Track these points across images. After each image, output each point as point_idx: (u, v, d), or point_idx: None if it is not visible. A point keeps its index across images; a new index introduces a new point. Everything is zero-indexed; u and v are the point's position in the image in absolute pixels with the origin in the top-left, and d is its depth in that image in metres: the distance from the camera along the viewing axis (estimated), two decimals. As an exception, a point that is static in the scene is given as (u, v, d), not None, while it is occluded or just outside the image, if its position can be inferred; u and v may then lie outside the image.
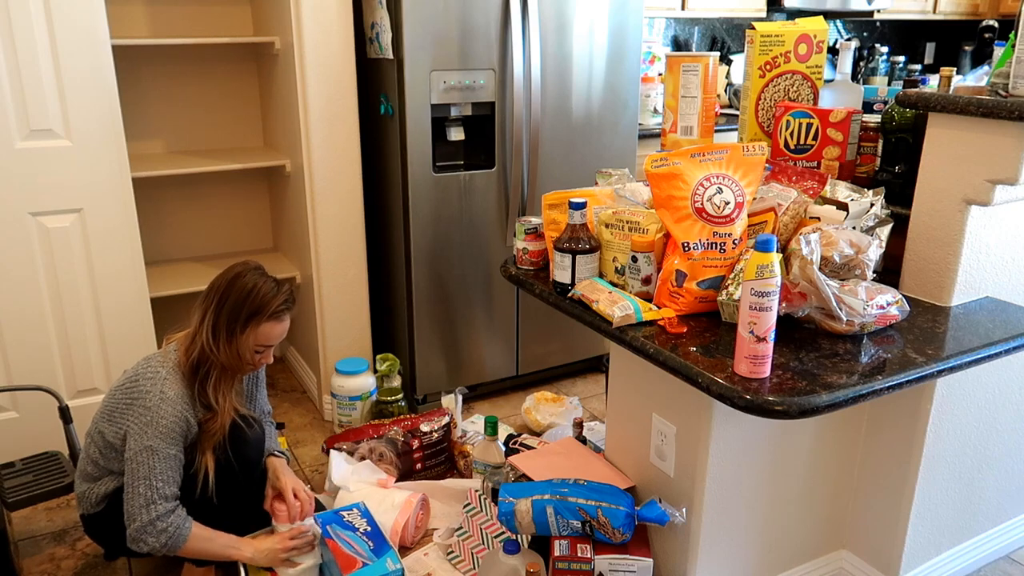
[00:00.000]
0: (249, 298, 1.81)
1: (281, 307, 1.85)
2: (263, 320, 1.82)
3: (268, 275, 1.87)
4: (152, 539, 1.74)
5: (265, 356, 1.90)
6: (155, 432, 1.74)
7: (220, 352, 1.81)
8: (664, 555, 1.85)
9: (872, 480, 1.91)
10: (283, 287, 1.87)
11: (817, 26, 2.07)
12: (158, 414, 1.75)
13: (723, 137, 3.26)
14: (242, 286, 1.82)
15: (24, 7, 2.15)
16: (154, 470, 1.74)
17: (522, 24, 2.60)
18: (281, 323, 1.87)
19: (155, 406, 1.75)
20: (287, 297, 1.87)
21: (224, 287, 1.83)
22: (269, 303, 1.82)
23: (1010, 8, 4.61)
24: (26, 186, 2.27)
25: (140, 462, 1.74)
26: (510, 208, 2.79)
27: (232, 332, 1.82)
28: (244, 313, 1.81)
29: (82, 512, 1.90)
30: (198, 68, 2.97)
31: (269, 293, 1.83)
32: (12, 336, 2.35)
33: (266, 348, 1.89)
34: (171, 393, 1.77)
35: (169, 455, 1.76)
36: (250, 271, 1.85)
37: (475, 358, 2.91)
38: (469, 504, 2.08)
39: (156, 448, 1.74)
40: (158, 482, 1.74)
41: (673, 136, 2.12)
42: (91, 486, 1.87)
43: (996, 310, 1.71)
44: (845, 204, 1.70)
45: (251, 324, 1.82)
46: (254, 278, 1.83)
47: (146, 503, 1.73)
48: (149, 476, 1.74)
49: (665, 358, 1.48)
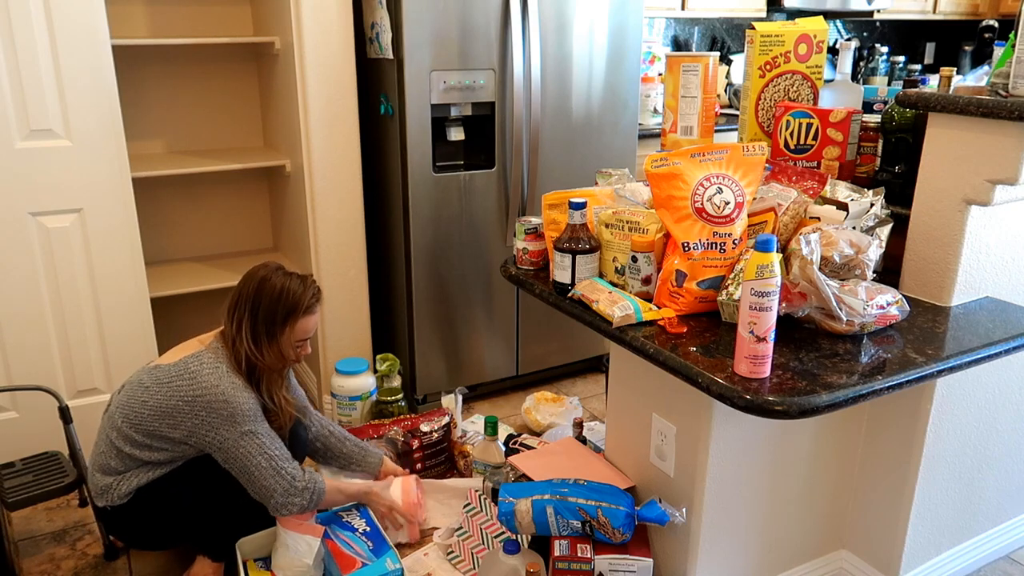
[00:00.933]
0: (282, 300, 1.88)
1: (312, 300, 1.93)
2: (299, 317, 1.90)
3: (290, 272, 1.93)
4: (298, 499, 1.87)
5: (304, 348, 1.97)
6: (243, 418, 1.83)
7: (265, 356, 1.89)
8: (664, 555, 1.85)
9: (872, 480, 1.91)
10: (308, 281, 1.94)
11: (817, 26, 2.07)
12: (238, 401, 1.82)
13: (723, 137, 3.26)
14: (271, 289, 1.88)
15: (24, 7, 2.15)
16: (264, 446, 1.84)
17: (522, 24, 2.60)
18: (314, 315, 1.95)
19: (233, 395, 1.82)
20: (315, 290, 1.94)
21: (254, 294, 1.89)
22: (300, 300, 1.90)
23: (1010, 8, 4.61)
24: (26, 186, 2.27)
25: (246, 446, 1.83)
26: (510, 208, 2.79)
27: (272, 335, 1.89)
28: (280, 315, 1.89)
29: (104, 504, 1.90)
30: (198, 68, 2.97)
31: (298, 290, 1.90)
32: (12, 336, 2.35)
33: (304, 341, 1.96)
34: (240, 382, 1.86)
35: (269, 430, 1.87)
36: (273, 273, 1.91)
37: (475, 358, 2.91)
38: (469, 504, 2.08)
39: (254, 431, 1.84)
40: (274, 451, 1.85)
41: (673, 136, 2.12)
42: (118, 479, 1.88)
43: (996, 310, 1.71)
44: (845, 204, 1.70)
45: (288, 323, 1.90)
46: (280, 279, 1.90)
47: (275, 472, 1.85)
48: (263, 452, 1.84)
49: (665, 358, 1.48)
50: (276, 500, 1.86)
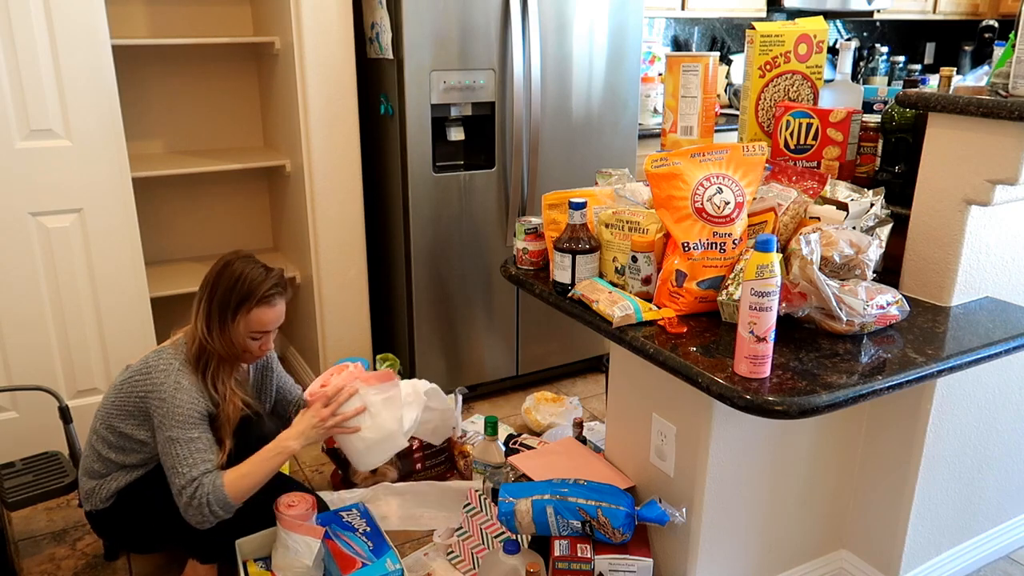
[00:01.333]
0: (237, 285, 1.82)
1: (271, 291, 1.85)
2: (253, 306, 1.83)
3: (258, 262, 1.88)
4: (199, 515, 1.78)
5: (264, 343, 1.91)
6: (173, 422, 1.78)
7: (215, 342, 1.84)
8: (664, 555, 1.85)
9: (872, 480, 1.91)
10: (272, 272, 1.88)
11: (817, 26, 2.07)
12: (174, 403, 1.78)
13: (723, 137, 3.26)
14: (230, 274, 1.83)
15: (24, 7, 2.15)
16: (178, 458, 1.78)
17: (522, 24, 2.60)
18: (273, 308, 1.87)
19: (171, 396, 1.79)
20: (276, 281, 1.87)
21: (214, 277, 1.85)
22: (257, 288, 1.83)
23: (1010, 8, 4.61)
24: (26, 186, 2.27)
25: (166, 453, 1.79)
26: (510, 208, 2.79)
27: (224, 320, 1.83)
28: (234, 300, 1.82)
29: (89, 509, 1.90)
30: (198, 68, 2.97)
31: (257, 279, 1.84)
32: (12, 336, 2.35)
33: (262, 335, 1.89)
34: (185, 382, 1.81)
35: (190, 439, 1.79)
36: (239, 259, 1.86)
37: (475, 358, 2.91)
38: (469, 504, 2.08)
39: (176, 437, 1.78)
40: (182, 467, 1.78)
41: (673, 136, 2.12)
42: (99, 483, 1.88)
43: (996, 310, 1.71)
44: (845, 204, 1.70)
45: (241, 311, 1.83)
46: (242, 265, 1.84)
47: (178, 491, 1.78)
48: (175, 465, 1.78)
49: (665, 358, 1.48)
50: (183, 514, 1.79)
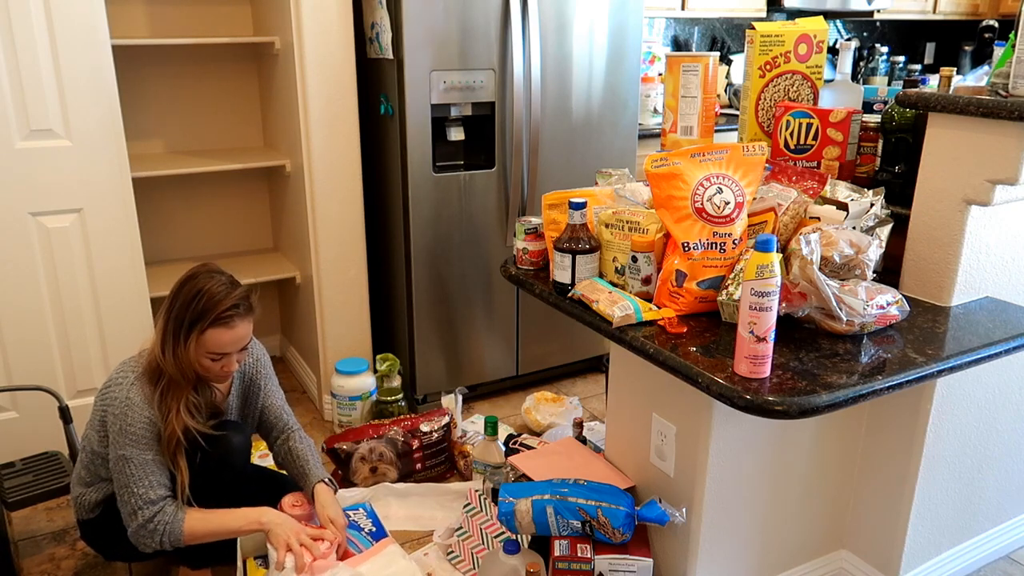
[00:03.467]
0: (194, 302, 1.68)
1: (228, 312, 1.69)
2: (208, 326, 1.68)
3: (224, 276, 1.74)
4: (149, 540, 1.73)
5: (226, 364, 1.75)
6: (125, 440, 1.71)
7: (167, 360, 1.71)
8: (664, 555, 1.85)
9: (872, 480, 1.91)
10: (236, 290, 1.73)
11: (817, 26, 2.07)
12: (126, 421, 1.71)
13: (723, 137, 3.26)
14: (190, 288, 1.70)
15: (24, 7, 2.15)
16: (132, 478, 1.71)
17: (522, 24, 2.60)
18: (231, 330, 1.70)
19: (123, 413, 1.71)
20: (238, 302, 1.71)
21: (175, 290, 1.72)
22: (214, 307, 1.68)
23: (1010, 8, 4.61)
24: (26, 186, 2.27)
25: (119, 471, 1.73)
26: (510, 208, 2.79)
27: (177, 340, 1.69)
28: (188, 318, 1.68)
29: (78, 518, 1.89)
30: (198, 68, 2.97)
31: (217, 295, 1.68)
32: (12, 336, 2.35)
33: (222, 356, 1.74)
34: (137, 399, 1.71)
35: (145, 460, 1.72)
36: (204, 273, 1.72)
37: (475, 358, 2.91)
38: (469, 504, 2.08)
39: (129, 456, 1.71)
40: (139, 488, 1.71)
41: (673, 136, 2.12)
42: (84, 491, 1.86)
43: (996, 310, 1.71)
44: (845, 204, 1.70)
45: (195, 330, 1.68)
46: (205, 280, 1.70)
47: (132, 511, 1.72)
48: (128, 484, 1.71)
49: (665, 358, 1.48)
50: (130, 535, 1.72)
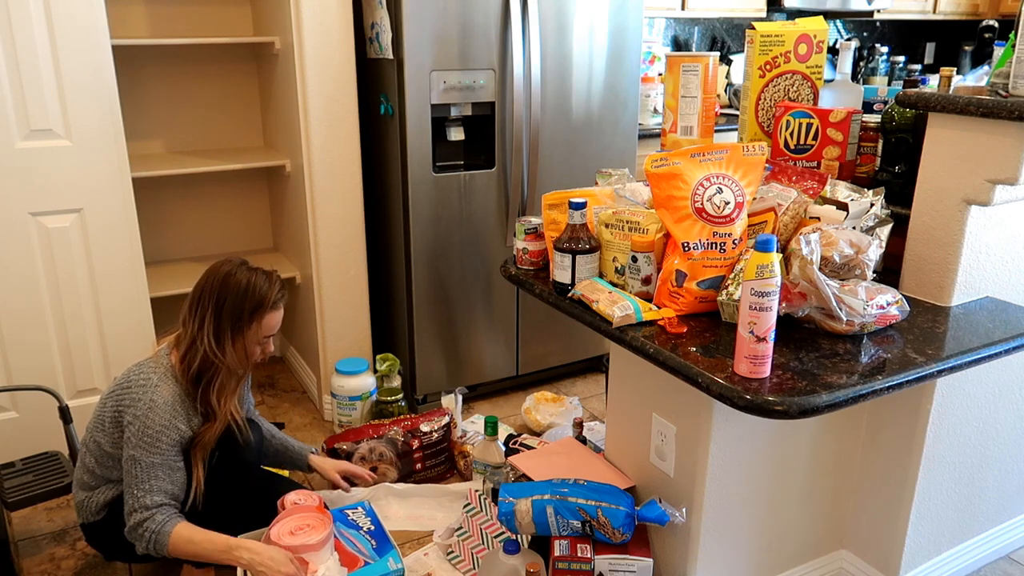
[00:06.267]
0: (248, 294, 1.83)
1: (279, 295, 1.89)
2: (266, 312, 1.86)
3: (254, 267, 1.89)
4: (138, 543, 1.77)
5: (267, 346, 1.94)
6: (139, 441, 1.75)
7: (227, 355, 1.83)
8: (664, 555, 1.85)
9: (872, 480, 1.91)
10: (272, 276, 1.90)
11: (817, 26, 2.07)
12: (145, 423, 1.75)
13: (723, 137, 3.26)
14: (236, 284, 1.84)
15: (24, 7, 2.15)
16: (136, 479, 1.76)
17: (522, 24, 2.60)
18: (280, 311, 1.92)
19: (143, 415, 1.75)
20: (280, 285, 1.91)
21: (219, 288, 1.84)
22: (267, 294, 1.86)
23: (1010, 8, 4.61)
24: (26, 186, 2.27)
25: (127, 470, 1.77)
26: (510, 208, 2.79)
27: (238, 330, 1.84)
28: (247, 309, 1.83)
29: (81, 521, 1.90)
30: (198, 68, 2.97)
31: (263, 285, 1.86)
32: (12, 336, 2.35)
33: (268, 339, 1.93)
34: (160, 402, 1.77)
35: (151, 463, 1.76)
36: (238, 268, 1.87)
37: (475, 358, 2.91)
38: (469, 504, 2.08)
39: (138, 458, 1.75)
40: (138, 491, 1.75)
41: (673, 136, 2.12)
42: (89, 495, 1.87)
43: (996, 310, 1.71)
44: (845, 204, 1.70)
45: (256, 318, 1.85)
46: (245, 274, 1.85)
47: (129, 511, 1.77)
48: (131, 485, 1.76)
49: (665, 358, 1.48)
50: (125, 531, 1.78)
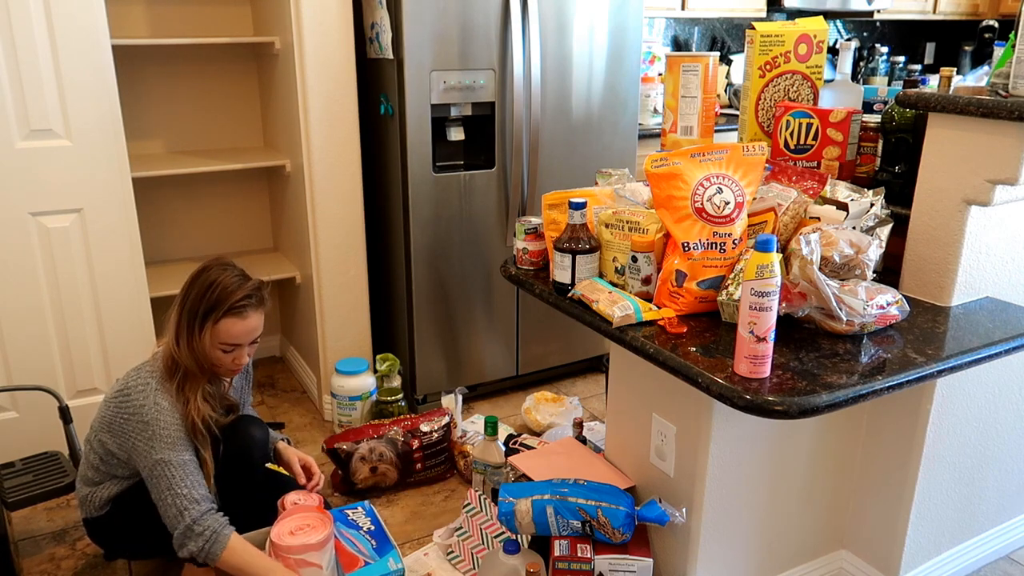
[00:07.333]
0: (208, 293, 1.74)
1: (241, 302, 1.75)
2: (221, 316, 1.74)
3: (236, 269, 1.80)
4: (191, 543, 1.71)
5: (237, 356, 1.81)
6: (161, 444, 1.73)
7: (182, 352, 1.76)
8: (664, 555, 1.85)
9: (872, 480, 1.91)
10: (249, 282, 1.79)
11: (817, 26, 2.07)
12: (158, 426, 1.73)
13: (723, 137, 3.26)
14: (204, 281, 1.75)
15: (24, 7, 2.15)
16: (173, 479, 1.72)
17: (522, 24, 2.60)
18: (243, 320, 1.76)
19: (153, 419, 1.73)
20: (251, 292, 1.77)
21: (188, 283, 1.78)
22: (228, 297, 1.74)
23: (1010, 8, 4.61)
24: (26, 186, 2.27)
25: (158, 476, 1.73)
26: (510, 208, 2.79)
27: (191, 330, 1.75)
28: (202, 309, 1.74)
29: (85, 516, 1.89)
30: (198, 68, 2.97)
31: (230, 287, 1.74)
32: (12, 336, 2.35)
33: (234, 347, 1.79)
34: (165, 403, 1.75)
35: (183, 461, 1.74)
36: (216, 265, 1.78)
37: (475, 358, 2.91)
38: (469, 504, 2.08)
39: (167, 459, 1.73)
40: (182, 489, 1.72)
41: (673, 136, 2.12)
42: (93, 490, 1.87)
43: (996, 310, 1.71)
44: (845, 204, 1.70)
45: (208, 321, 1.74)
46: (217, 272, 1.76)
47: (179, 511, 1.72)
48: (171, 487, 1.72)
49: (665, 358, 1.48)
50: (175, 537, 1.72)
